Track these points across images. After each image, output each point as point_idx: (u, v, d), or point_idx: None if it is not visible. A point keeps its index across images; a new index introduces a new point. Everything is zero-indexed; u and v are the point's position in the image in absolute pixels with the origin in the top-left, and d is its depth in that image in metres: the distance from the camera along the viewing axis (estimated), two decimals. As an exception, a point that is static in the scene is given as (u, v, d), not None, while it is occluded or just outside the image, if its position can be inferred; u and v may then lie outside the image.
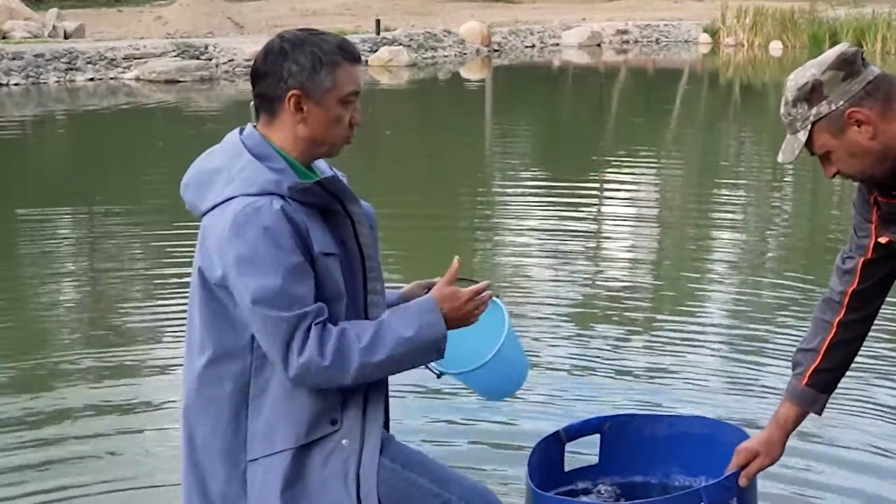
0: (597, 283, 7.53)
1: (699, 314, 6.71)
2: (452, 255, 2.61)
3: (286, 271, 2.42)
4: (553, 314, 6.60)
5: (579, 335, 6.21)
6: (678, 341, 6.10)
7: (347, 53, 2.54)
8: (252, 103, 2.60)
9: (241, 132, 2.59)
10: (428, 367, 2.78)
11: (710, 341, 6.15)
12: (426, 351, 2.54)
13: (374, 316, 2.58)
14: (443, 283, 2.60)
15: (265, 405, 2.53)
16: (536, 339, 6.03)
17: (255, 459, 2.54)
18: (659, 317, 6.61)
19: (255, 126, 2.60)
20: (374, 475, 2.52)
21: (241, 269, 2.43)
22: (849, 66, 2.54)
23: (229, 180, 2.50)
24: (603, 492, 3.12)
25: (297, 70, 2.50)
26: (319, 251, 2.48)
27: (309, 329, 2.43)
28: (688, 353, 5.92)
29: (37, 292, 7.34)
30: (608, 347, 5.99)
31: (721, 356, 5.86)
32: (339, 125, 2.55)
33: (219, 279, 2.48)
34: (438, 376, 2.86)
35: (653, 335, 6.20)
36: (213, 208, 2.50)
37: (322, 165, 2.71)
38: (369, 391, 2.57)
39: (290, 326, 2.42)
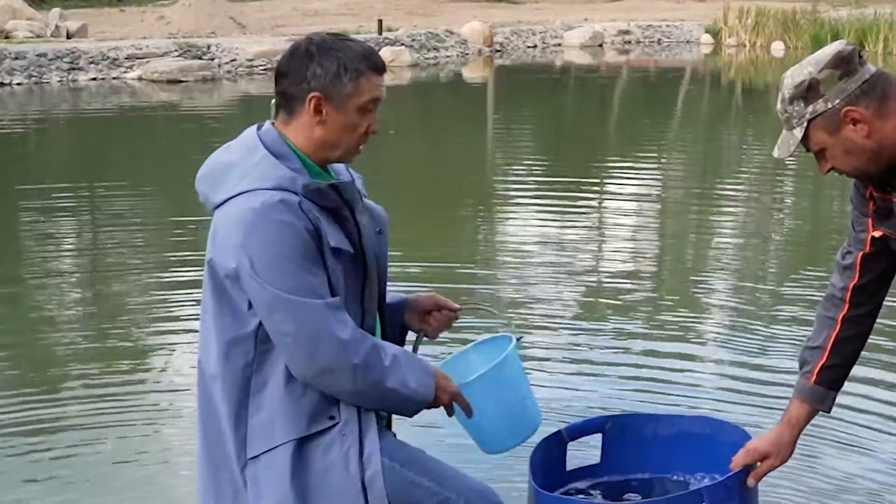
0: (598, 281, 7.53)
1: (701, 313, 6.71)
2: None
3: (304, 261, 2.46)
4: (553, 312, 6.60)
5: (581, 334, 6.21)
6: (680, 340, 6.10)
7: (372, 63, 2.58)
8: (273, 101, 2.63)
9: (258, 128, 2.62)
10: None
11: (712, 340, 6.16)
12: (408, 404, 2.59)
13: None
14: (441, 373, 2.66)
15: (265, 401, 2.54)
16: (537, 338, 6.04)
17: (256, 457, 2.54)
18: (660, 315, 6.61)
19: (273, 123, 2.62)
20: (378, 458, 2.53)
21: (259, 263, 2.45)
22: (846, 64, 2.55)
23: (243, 175, 2.52)
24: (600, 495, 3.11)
25: (320, 73, 2.54)
26: (334, 246, 2.52)
27: (339, 318, 2.48)
28: (689, 351, 5.93)
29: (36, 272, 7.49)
30: (610, 346, 5.99)
31: (723, 355, 5.86)
32: (355, 131, 2.59)
33: (230, 271, 2.50)
34: None
35: (654, 334, 6.20)
36: (225, 202, 2.53)
37: (339, 168, 2.74)
38: None
39: (323, 312, 2.46)
